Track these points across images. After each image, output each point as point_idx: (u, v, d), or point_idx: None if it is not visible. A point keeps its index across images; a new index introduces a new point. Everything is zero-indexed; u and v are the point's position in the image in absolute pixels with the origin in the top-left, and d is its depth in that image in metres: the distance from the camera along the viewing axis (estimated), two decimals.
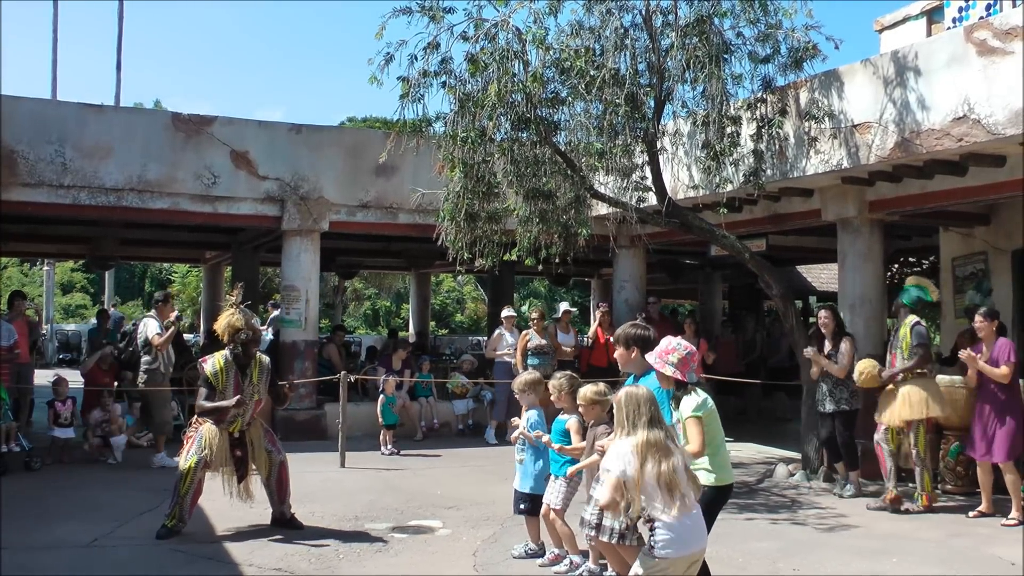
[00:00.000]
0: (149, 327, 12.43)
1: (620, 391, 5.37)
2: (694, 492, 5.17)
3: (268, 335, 15.89)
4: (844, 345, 10.76)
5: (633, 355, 6.13)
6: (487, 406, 15.29)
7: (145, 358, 12.34)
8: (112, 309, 29.59)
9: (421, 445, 14.11)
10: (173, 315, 12.78)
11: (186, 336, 24.97)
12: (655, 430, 5.13)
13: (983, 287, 11.63)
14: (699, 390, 5.74)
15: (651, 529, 5.11)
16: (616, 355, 6.33)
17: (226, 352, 8.54)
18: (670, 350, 5.75)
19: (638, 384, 5.58)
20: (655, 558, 5.05)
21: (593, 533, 6.13)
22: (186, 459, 8.32)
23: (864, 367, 10.25)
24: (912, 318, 10.21)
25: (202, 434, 8.35)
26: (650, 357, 5.77)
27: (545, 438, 7.57)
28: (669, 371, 5.68)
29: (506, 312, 15.56)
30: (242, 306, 8.73)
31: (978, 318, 9.72)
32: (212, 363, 8.46)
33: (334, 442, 12.45)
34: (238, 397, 8.28)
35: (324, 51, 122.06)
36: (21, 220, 15.13)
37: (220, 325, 8.60)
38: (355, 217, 15.10)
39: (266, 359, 8.83)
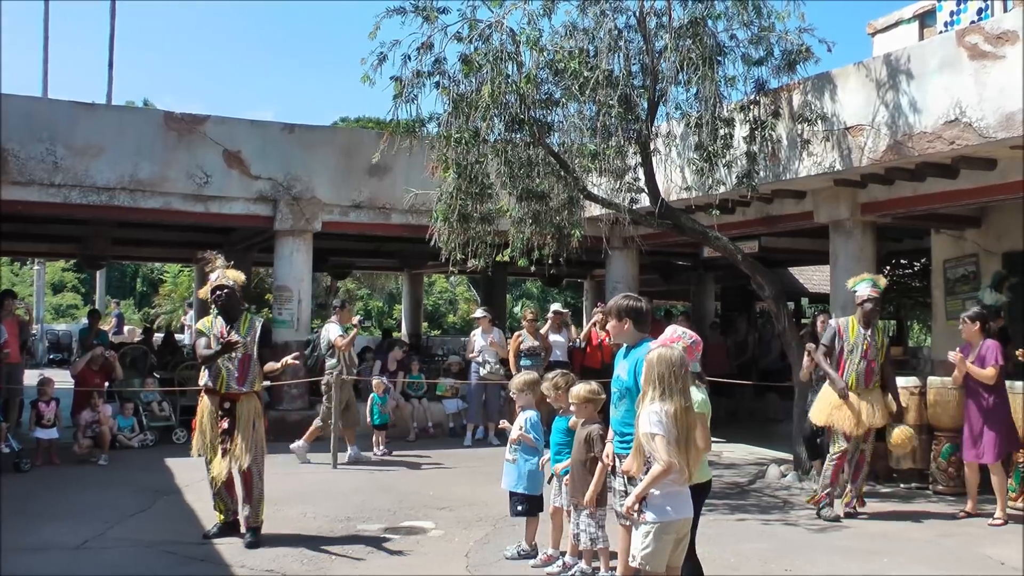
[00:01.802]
0: (331, 331, 12.98)
1: (652, 351, 5.37)
2: (694, 467, 5.24)
3: None
4: None
5: (626, 327, 6.14)
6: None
7: (330, 361, 12.86)
8: (116, 308, 29.48)
9: (413, 446, 14.11)
10: (356, 319, 13.50)
11: (177, 336, 25.05)
12: (687, 398, 5.18)
13: (995, 280, 11.61)
14: (701, 387, 5.74)
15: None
16: (609, 327, 6.34)
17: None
18: (675, 338, 5.77)
19: (669, 347, 5.54)
20: (647, 523, 5.09)
21: (627, 523, 6.04)
22: (199, 453, 8.34)
23: (902, 436, 9.73)
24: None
25: (202, 411, 8.30)
26: (654, 345, 5.75)
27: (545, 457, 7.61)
28: None
29: (477, 313, 15.49)
30: (225, 267, 8.62)
31: (962, 319, 9.78)
32: (203, 321, 8.59)
33: (326, 443, 12.44)
34: (229, 339, 8.08)
35: (316, 51, 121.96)
36: (11, 219, 15.07)
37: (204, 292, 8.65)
38: (348, 217, 15.10)
39: (260, 320, 8.69)
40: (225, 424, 8.19)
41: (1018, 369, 9.89)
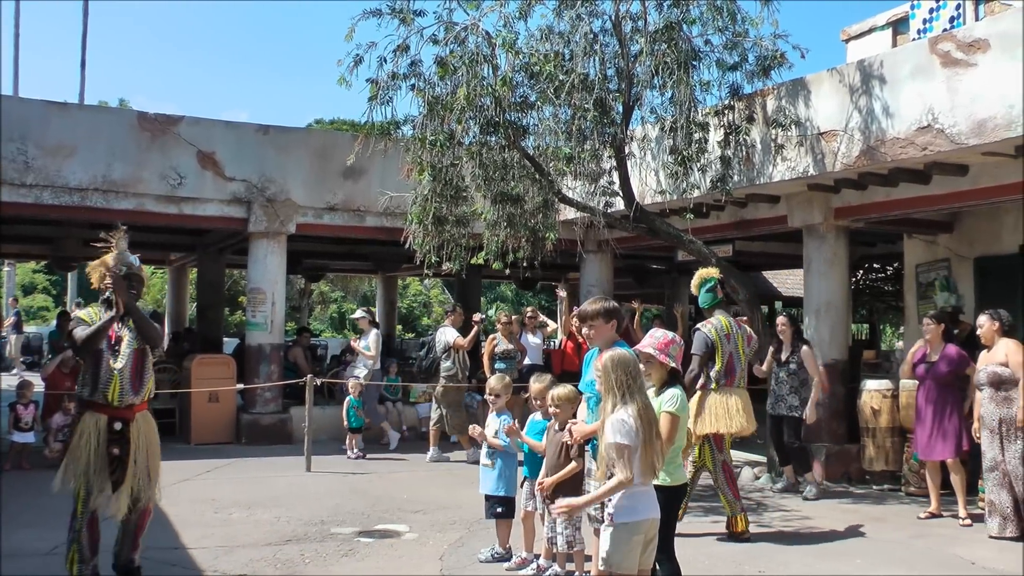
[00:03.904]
0: (448, 334, 13.21)
1: (604, 356, 5.32)
2: (659, 463, 5.22)
3: None
4: (805, 351, 10.91)
5: (612, 327, 6.16)
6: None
7: (445, 364, 13.10)
8: (14, 306, 29.12)
9: (387, 449, 14.07)
10: (478, 316, 13.85)
11: None
12: (644, 396, 5.17)
13: (950, 285, 11.73)
14: (680, 388, 5.72)
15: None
16: (591, 331, 6.25)
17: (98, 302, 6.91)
18: (669, 342, 5.75)
19: (621, 349, 5.54)
20: (615, 525, 5.08)
21: (599, 527, 6.02)
22: (69, 478, 6.47)
23: None
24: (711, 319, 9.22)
25: (82, 432, 6.45)
26: (646, 348, 5.73)
27: (534, 443, 7.57)
28: (672, 363, 5.69)
29: (356, 313, 15.42)
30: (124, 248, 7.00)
31: (925, 320, 9.95)
32: (87, 310, 6.97)
33: (300, 446, 12.40)
34: (112, 315, 6.63)
35: (292, 52, 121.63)
36: None
37: (93, 266, 7.03)
38: (322, 220, 15.06)
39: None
40: (116, 450, 6.49)
41: None
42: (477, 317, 13.79)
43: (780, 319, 11.31)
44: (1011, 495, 8.82)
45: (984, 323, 9.19)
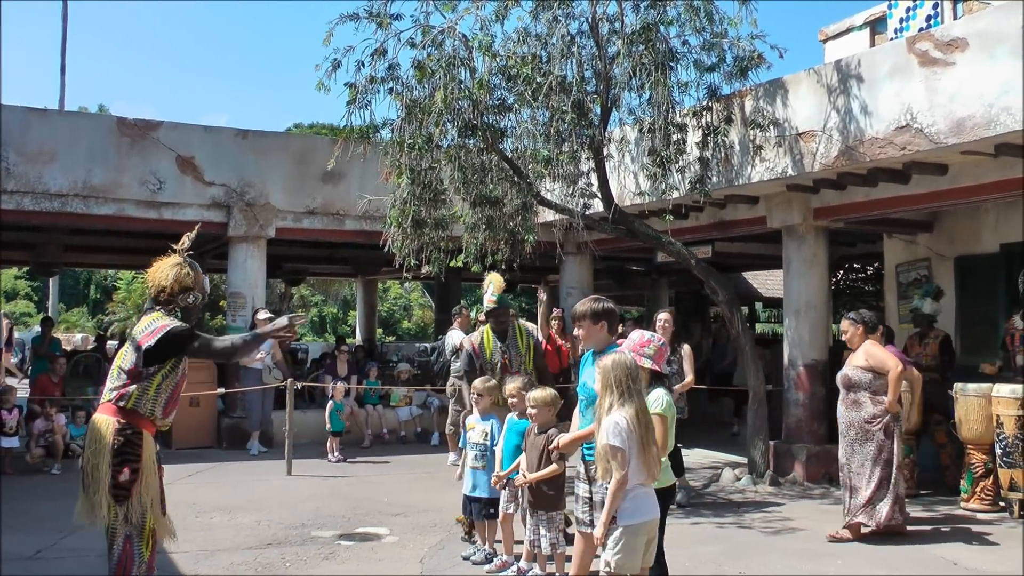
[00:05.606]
0: (454, 337, 13.05)
1: (606, 358, 5.31)
2: (656, 466, 5.21)
3: None
4: (685, 349, 10.62)
5: (602, 329, 6.08)
6: (433, 413, 15.29)
7: (455, 365, 12.85)
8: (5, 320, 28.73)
9: (368, 452, 14.05)
10: (483, 316, 13.56)
11: None
12: (642, 399, 5.17)
13: (930, 290, 11.75)
14: (664, 389, 5.70)
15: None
16: (580, 332, 6.16)
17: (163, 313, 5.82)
18: (645, 342, 5.68)
19: (621, 352, 5.48)
20: (621, 528, 5.09)
21: (587, 530, 5.96)
22: (145, 509, 5.63)
23: None
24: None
25: (151, 457, 5.65)
26: (624, 346, 5.68)
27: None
28: (647, 364, 5.59)
29: (260, 315, 14.95)
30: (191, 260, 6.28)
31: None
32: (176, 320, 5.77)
33: (280, 449, 12.36)
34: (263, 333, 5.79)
35: (270, 57, 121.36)
36: None
37: (163, 276, 6.12)
38: (302, 224, 15.05)
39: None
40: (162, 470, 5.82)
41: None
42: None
43: (662, 315, 10.47)
44: (850, 495, 8.88)
45: (847, 328, 9.03)
